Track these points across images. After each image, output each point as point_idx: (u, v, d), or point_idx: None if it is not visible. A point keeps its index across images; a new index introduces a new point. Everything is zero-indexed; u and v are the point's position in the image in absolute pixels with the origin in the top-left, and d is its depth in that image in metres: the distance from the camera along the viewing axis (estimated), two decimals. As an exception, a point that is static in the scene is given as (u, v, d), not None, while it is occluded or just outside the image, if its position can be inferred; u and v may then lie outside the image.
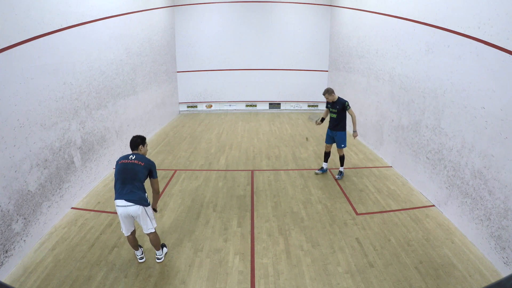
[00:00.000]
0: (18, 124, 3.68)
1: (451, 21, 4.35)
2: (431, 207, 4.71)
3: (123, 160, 3.38)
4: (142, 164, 3.36)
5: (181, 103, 11.65)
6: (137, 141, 3.54)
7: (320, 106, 11.81)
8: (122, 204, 3.20)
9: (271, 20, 11.11)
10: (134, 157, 3.39)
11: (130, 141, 3.55)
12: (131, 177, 3.27)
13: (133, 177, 3.27)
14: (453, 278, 3.27)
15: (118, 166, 3.36)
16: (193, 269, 3.46)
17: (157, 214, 4.58)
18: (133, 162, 3.34)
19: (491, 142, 3.59)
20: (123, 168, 3.31)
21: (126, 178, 3.26)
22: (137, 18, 7.50)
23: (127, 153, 3.53)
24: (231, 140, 8.27)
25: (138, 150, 3.53)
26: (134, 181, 3.26)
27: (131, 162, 3.34)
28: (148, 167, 3.39)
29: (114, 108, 6.32)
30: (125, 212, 3.23)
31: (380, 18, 6.77)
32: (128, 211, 3.22)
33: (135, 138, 3.57)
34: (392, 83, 6.28)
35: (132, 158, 3.39)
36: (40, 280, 3.27)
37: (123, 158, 3.40)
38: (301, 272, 3.40)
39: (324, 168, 5.99)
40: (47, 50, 4.24)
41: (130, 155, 3.43)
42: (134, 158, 3.38)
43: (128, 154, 3.46)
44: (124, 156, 3.44)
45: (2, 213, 3.39)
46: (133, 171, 3.29)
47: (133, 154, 3.44)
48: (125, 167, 3.32)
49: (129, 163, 3.34)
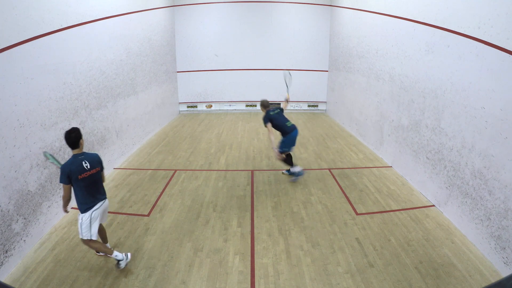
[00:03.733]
0: (18, 124, 3.68)
1: (451, 21, 4.35)
2: (431, 207, 4.71)
3: (80, 174, 3.07)
4: (99, 169, 3.27)
5: (181, 103, 11.65)
6: (76, 136, 3.10)
7: (320, 106, 11.81)
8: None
9: (271, 20, 11.11)
10: (88, 165, 3.13)
11: (66, 138, 3.09)
12: (96, 190, 3.27)
13: (98, 187, 3.29)
14: (453, 278, 3.27)
15: (79, 182, 3.07)
16: (193, 269, 3.46)
17: (157, 214, 4.58)
18: (91, 173, 3.16)
19: (491, 142, 3.59)
20: (87, 183, 3.14)
21: (93, 192, 3.25)
22: (137, 18, 7.50)
23: (72, 159, 3.10)
24: (231, 140, 8.27)
25: (79, 147, 3.15)
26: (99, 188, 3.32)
27: (90, 174, 3.14)
28: (102, 166, 3.33)
29: (114, 108, 6.32)
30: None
31: (380, 18, 6.77)
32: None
33: (71, 134, 3.08)
34: (392, 83, 6.28)
35: (87, 167, 3.12)
36: (40, 280, 3.27)
37: (78, 172, 3.05)
38: (301, 272, 3.40)
39: (295, 171, 5.60)
40: (47, 50, 4.24)
41: (82, 161, 3.10)
42: (89, 167, 3.13)
43: (76, 160, 3.09)
44: (75, 166, 3.06)
45: (2, 213, 3.39)
46: (96, 182, 3.26)
47: (83, 159, 3.12)
48: (88, 182, 3.15)
49: (89, 176, 3.13)
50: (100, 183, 3.33)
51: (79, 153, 3.15)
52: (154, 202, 4.93)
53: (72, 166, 3.06)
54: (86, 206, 3.20)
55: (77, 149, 3.15)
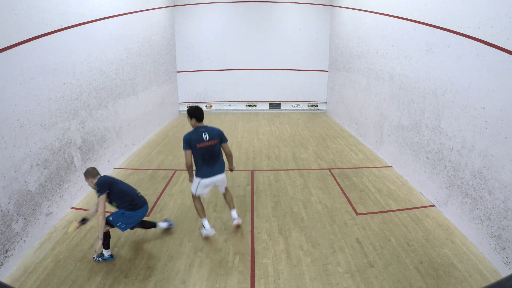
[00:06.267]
0: (18, 124, 3.68)
1: (451, 21, 4.35)
2: (431, 207, 4.71)
3: (199, 143, 3.66)
4: (217, 141, 3.79)
5: (181, 103, 11.65)
6: (202, 112, 3.80)
7: (320, 106, 11.82)
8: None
9: (271, 20, 11.11)
10: (207, 137, 3.71)
11: (197, 111, 3.73)
12: (213, 160, 3.84)
13: (214, 157, 3.85)
14: (453, 278, 3.27)
15: (197, 150, 3.69)
16: (193, 269, 3.46)
17: (157, 214, 4.58)
18: (209, 145, 3.72)
19: (491, 142, 3.59)
20: (204, 152, 3.73)
21: (209, 162, 3.83)
22: (137, 18, 7.50)
23: (195, 130, 3.72)
24: (231, 140, 8.26)
25: (202, 120, 3.83)
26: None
27: (207, 145, 3.72)
28: (222, 138, 3.90)
29: (114, 108, 6.32)
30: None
31: (380, 18, 6.77)
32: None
33: (199, 109, 3.78)
34: (392, 83, 6.28)
35: (206, 138, 3.70)
36: (40, 280, 3.27)
37: (197, 141, 3.66)
38: (301, 272, 3.40)
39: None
40: (47, 50, 4.24)
41: (202, 133, 3.70)
42: (208, 139, 3.71)
43: (198, 131, 3.69)
44: (196, 136, 3.67)
45: (2, 213, 3.39)
46: (213, 152, 3.83)
47: (203, 132, 3.71)
48: (205, 151, 3.73)
49: (206, 146, 3.72)
50: (217, 154, 3.82)
51: (201, 126, 3.74)
52: (154, 202, 4.93)
53: (193, 135, 3.66)
54: (199, 173, 3.79)
55: (200, 122, 3.74)
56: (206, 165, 3.78)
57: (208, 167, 3.79)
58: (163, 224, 4.09)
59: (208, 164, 3.78)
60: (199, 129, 3.70)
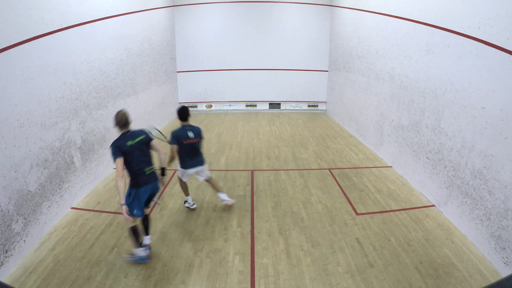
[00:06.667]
0: (18, 124, 3.68)
1: (451, 21, 4.35)
2: (431, 207, 4.71)
3: (185, 140, 4.15)
4: (199, 140, 4.33)
5: (181, 103, 11.64)
6: (189, 112, 4.31)
7: (320, 106, 11.82)
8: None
9: (271, 20, 11.10)
10: (192, 135, 4.21)
11: (183, 112, 4.26)
12: (195, 154, 4.40)
13: (197, 153, 4.42)
14: (453, 278, 3.27)
15: (183, 146, 4.18)
16: (193, 269, 3.46)
17: (157, 214, 4.58)
18: (193, 142, 4.25)
19: (491, 142, 3.59)
20: (189, 148, 4.25)
21: (192, 156, 4.36)
22: (137, 18, 7.49)
23: (181, 128, 4.20)
24: (231, 140, 8.27)
25: (188, 120, 4.29)
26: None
27: (192, 142, 4.24)
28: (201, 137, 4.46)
29: (114, 108, 6.31)
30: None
31: (380, 18, 6.77)
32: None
33: (186, 109, 4.30)
34: (392, 83, 6.28)
35: (191, 136, 4.20)
36: (40, 280, 3.27)
37: (184, 138, 4.14)
38: (301, 272, 3.40)
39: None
40: (47, 50, 4.24)
41: (187, 131, 4.19)
42: (192, 136, 4.21)
43: (184, 129, 4.17)
44: (182, 133, 4.16)
45: (2, 213, 3.39)
46: (196, 149, 4.39)
47: (188, 130, 4.21)
48: (190, 148, 4.25)
49: (191, 143, 4.25)
50: (199, 149, 4.37)
51: (186, 125, 4.24)
52: (154, 202, 4.92)
53: (180, 132, 4.17)
54: (183, 165, 4.35)
55: (186, 121, 4.24)
56: (190, 158, 4.35)
57: (192, 160, 4.37)
58: (142, 247, 3.54)
59: (192, 158, 4.36)
60: (185, 127, 4.25)
